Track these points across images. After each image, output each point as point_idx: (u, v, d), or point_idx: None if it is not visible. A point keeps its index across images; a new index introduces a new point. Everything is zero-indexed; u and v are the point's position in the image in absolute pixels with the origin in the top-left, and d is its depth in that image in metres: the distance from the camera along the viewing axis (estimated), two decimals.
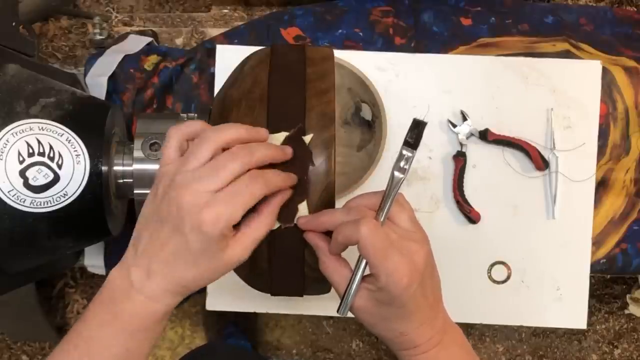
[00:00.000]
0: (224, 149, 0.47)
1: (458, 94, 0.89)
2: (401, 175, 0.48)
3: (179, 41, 1.03)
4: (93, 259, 0.93)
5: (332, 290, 0.58)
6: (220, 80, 0.89)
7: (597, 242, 0.91)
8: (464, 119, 0.88)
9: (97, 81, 0.88)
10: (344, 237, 0.47)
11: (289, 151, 0.50)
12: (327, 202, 0.51)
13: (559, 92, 0.89)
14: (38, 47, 1.00)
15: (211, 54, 0.90)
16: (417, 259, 0.47)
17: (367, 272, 0.48)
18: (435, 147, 0.89)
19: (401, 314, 0.48)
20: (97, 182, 0.63)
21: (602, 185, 0.91)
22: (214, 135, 0.47)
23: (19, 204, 0.60)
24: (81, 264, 0.95)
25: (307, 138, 0.51)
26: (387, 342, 0.52)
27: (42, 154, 0.61)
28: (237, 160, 0.46)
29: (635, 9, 1.29)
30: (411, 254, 0.47)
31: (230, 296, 0.88)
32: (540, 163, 0.87)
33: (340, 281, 0.49)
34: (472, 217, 0.87)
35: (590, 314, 1.28)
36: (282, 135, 0.50)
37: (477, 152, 0.88)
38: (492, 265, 0.89)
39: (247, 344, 1.24)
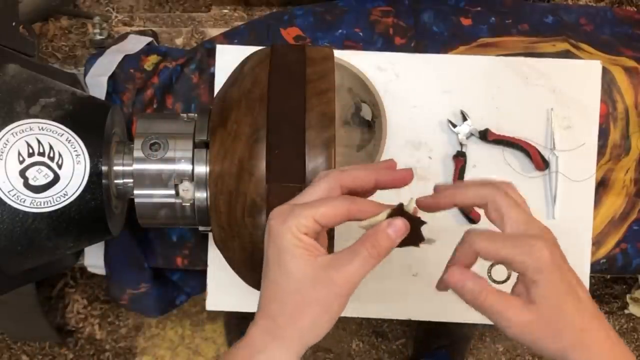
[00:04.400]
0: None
1: (458, 94, 0.89)
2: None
3: (179, 41, 1.03)
4: (93, 259, 0.93)
5: None
6: (220, 80, 0.89)
7: (597, 242, 0.91)
8: (464, 119, 0.88)
9: (97, 81, 0.88)
10: (481, 197, 0.44)
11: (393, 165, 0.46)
12: None
13: (559, 92, 0.89)
14: (38, 47, 1.01)
15: (211, 54, 0.90)
16: (549, 236, 0.46)
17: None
18: (435, 147, 0.89)
19: (563, 300, 0.42)
20: (97, 182, 0.63)
21: (602, 185, 0.91)
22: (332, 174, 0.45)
23: (19, 204, 0.60)
24: (81, 264, 0.95)
25: (411, 206, 0.47)
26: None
27: (42, 154, 0.61)
28: (325, 177, 0.44)
29: (635, 9, 1.29)
30: (543, 229, 0.45)
31: (231, 296, 0.88)
32: (540, 163, 0.87)
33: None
34: (472, 217, 0.87)
35: None
36: (383, 216, 0.46)
37: (477, 152, 0.88)
38: (492, 265, 0.88)
39: None
